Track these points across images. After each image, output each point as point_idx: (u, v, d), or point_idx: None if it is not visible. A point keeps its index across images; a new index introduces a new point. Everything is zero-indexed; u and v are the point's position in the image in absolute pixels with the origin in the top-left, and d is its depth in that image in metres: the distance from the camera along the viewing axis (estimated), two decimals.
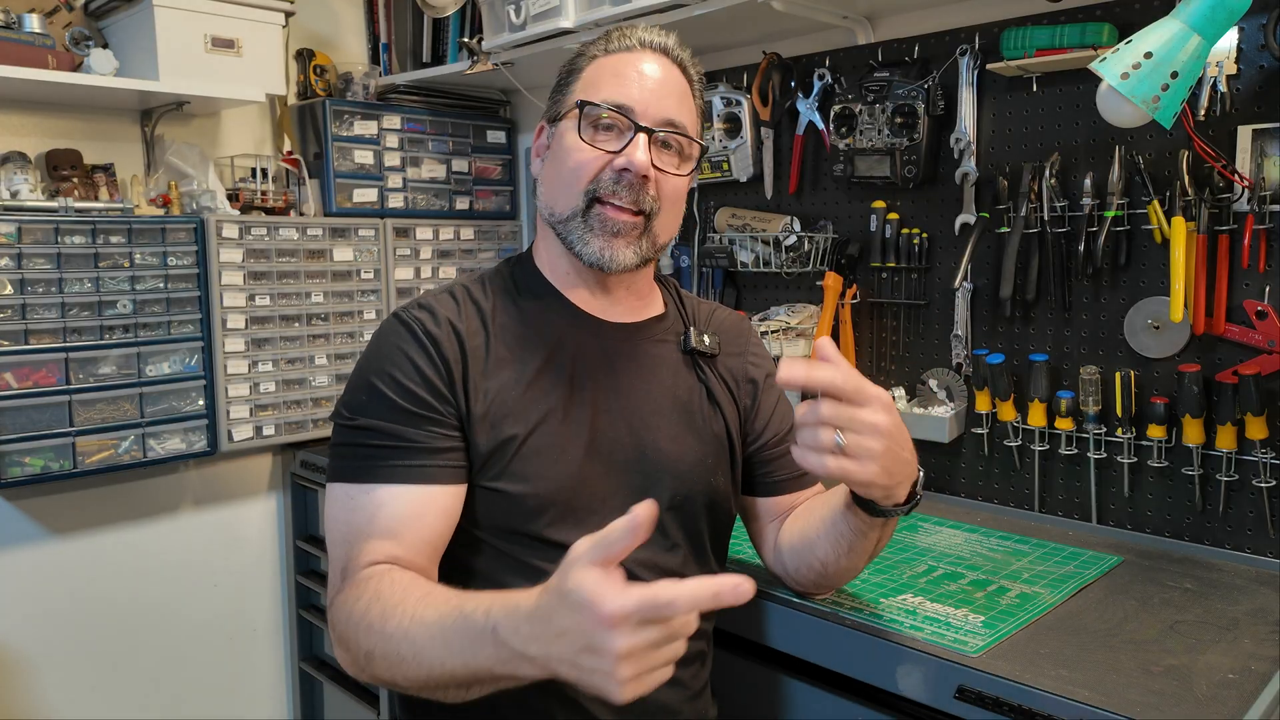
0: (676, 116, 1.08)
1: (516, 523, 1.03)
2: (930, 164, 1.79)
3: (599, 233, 1.06)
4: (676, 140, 1.09)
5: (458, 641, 0.83)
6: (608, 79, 1.08)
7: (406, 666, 0.87)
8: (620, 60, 1.09)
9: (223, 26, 2.06)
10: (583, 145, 1.06)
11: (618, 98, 1.06)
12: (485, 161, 2.64)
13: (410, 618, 0.88)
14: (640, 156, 1.05)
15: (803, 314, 1.99)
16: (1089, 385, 1.61)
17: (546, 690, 1.02)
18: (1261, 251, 1.44)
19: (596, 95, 1.07)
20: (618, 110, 1.06)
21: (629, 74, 1.08)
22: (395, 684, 0.90)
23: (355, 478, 1.00)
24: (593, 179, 1.06)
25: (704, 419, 1.16)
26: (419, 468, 1.00)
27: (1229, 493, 1.50)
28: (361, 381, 1.04)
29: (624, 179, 1.05)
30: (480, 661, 0.81)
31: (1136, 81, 1.28)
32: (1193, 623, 1.23)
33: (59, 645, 2.10)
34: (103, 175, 2.08)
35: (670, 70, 1.11)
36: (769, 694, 1.36)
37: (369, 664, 0.91)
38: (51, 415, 1.91)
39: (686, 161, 1.11)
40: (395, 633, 0.88)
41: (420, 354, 1.03)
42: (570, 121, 1.08)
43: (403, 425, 1.00)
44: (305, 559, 2.43)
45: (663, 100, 1.08)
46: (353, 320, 2.35)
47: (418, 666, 0.86)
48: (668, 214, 1.11)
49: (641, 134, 1.06)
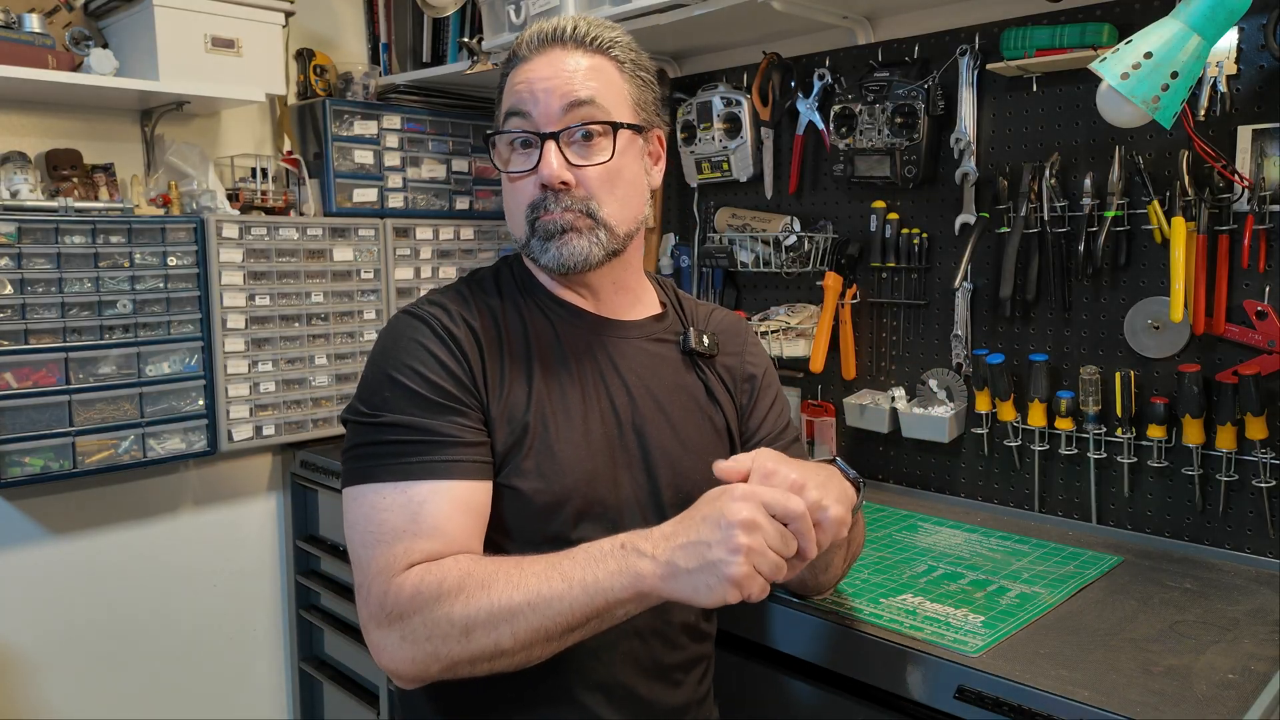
0: (582, 93, 1.03)
1: (533, 523, 1.02)
2: (930, 164, 1.79)
3: (547, 238, 1.05)
4: (593, 127, 1.03)
5: (577, 568, 0.87)
6: (508, 96, 1.06)
7: (520, 618, 0.87)
8: (519, 71, 1.06)
9: (223, 26, 2.06)
10: (506, 176, 1.07)
11: (512, 105, 1.04)
12: (485, 161, 2.64)
13: (518, 573, 0.89)
14: (548, 169, 1.01)
15: (803, 314, 1.99)
16: (1089, 385, 1.61)
17: (552, 692, 1.03)
18: (1261, 251, 1.44)
19: (501, 118, 1.06)
20: (517, 120, 1.03)
21: (523, 80, 1.05)
22: (498, 649, 0.88)
23: (384, 477, 0.96)
24: (529, 204, 1.05)
25: (706, 415, 1.16)
26: (455, 463, 0.97)
27: (1229, 493, 1.50)
28: (380, 377, 1.01)
29: (549, 193, 1.03)
30: (601, 579, 0.86)
31: (1136, 81, 1.28)
32: (1193, 623, 1.23)
33: (59, 645, 2.10)
34: (103, 175, 2.08)
35: (569, 53, 1.05)
36: (770, 694, 1.36)
37: (467, 637, 0.88)
38: (51, 415, 1.91)
39: (604, 140, 1.04)
40: (505, 590, 0.88)
41: (440, 347, 1.01)
42: (494, 154, 1.08)
43: (432, 418, 0.98)
44: (305, 559, 2.43)
45: (562, 86, 1.03)
46: (353, 320, 2.35)
47: (532, 611, 0.86)
48: (611, 200, 1.05)
49: (548, 142, 1.02)
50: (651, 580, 0.85)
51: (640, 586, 0.85)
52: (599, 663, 1.03)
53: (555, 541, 1.01)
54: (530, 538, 1.02)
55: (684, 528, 0.87)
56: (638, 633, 1.05)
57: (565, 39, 1.06)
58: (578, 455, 1.04)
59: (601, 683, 1.04)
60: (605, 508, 1.05)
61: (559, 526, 1.02)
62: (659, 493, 1.09)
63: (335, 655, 2.40)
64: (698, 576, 0.83)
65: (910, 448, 1.89)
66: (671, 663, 1.09)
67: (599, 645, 1.02)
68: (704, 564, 0.83)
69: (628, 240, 1.10)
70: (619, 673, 1.04)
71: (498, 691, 1.03)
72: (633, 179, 1.09)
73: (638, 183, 1.10)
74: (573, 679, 1.03)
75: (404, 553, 0.93)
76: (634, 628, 1.04)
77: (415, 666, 0.91)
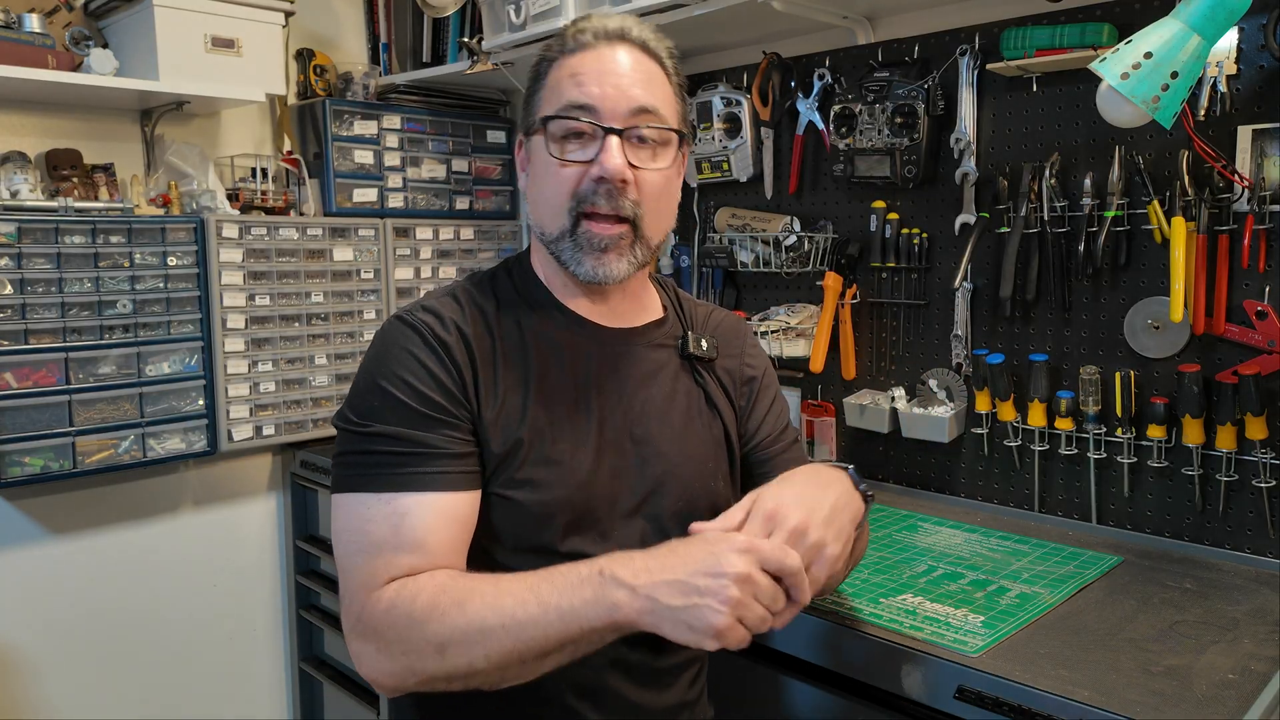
0: (647, 103, 1.02)
1: (525, 532, 1.02)
2: (930, 164, 1.79)
3: (589, 251, 1.03)
4: (652, 132, 1.03)
5: (554, 592, 0.86)
6: (567, 83, 1.03)
7: (493, 639, 0.86)
8: (578, 60, 1.04)
9: (223, 26, 2.06)
10: (554, 161, 1.03)
11: (577, 98, 1.01)
12: (485, 161, 2.64)
13: (494, 592, 0.88)
14: (614, 162, 0.99)
15: (803, 314, 1.99)
16: (1089, 385, 1.61)
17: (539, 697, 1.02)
18: (1261, 251, 1.44)
19: (558, 104, 1.02)
20: (581, 112, 1.01)
21: (588, 72, 1.02)
22: (471, 669, 0.88)
23: (370, 487, 0.96)
24: (572, 194, 1.02)
25: (703, 423, 1.16)
26: (439, 474, 0.96)
27: (1229, 493, 1.50)
28: (369, 386, 1.00)
29: (602, 187, 1.01)
30: (577, 606, 0.85)
31: (1136, 81, 1.28)
32: (1193, 623, 1.23)
33: (59, 645, 2.10)
34: (103, 175, 2.08)
35: (633, 55, 1.04)
36: (768, 694, 1.36)
37: (440, 655, 0.88)
38: (51, 415, 1.91)
39: (665, 150, 1.05)
40: (479, 610, 0.87)
41: (430, 357, 1.00)
42: (540, 138, 1.05)
43: (419, 430, 0.97)
44: (305, 559, 2.43)
45: (628, 90, 1.01)
46: (353, 320, 2.35)
47: (506, 634, 0.86)
48: (654, 213, 1.05)
49: (611, 136, 1.00)
50: (628, 612, 0.84)
51: (615, 617, 0.85)
52: (586, 667, 1.02)
53: (542, 551, 1.01)
54: (518, 546, 1.02)
55: (671, 564, 0.85)
56: (626, 638, 1.05)
57: (630, 37, 1.05)
58: (571, 466, 1.03)
59: (589, 687, 1.04)
60: (597, 519, 1.04)
61: (549, 537, 1.02)
62: (657, 502, 1.08)
63: (335, 655, 2.40)
64: (679, 615, 0.83)
65: (910, 448, 1.89)
66: (660, 667, 1.09)
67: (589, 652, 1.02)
68: (688, 606, 0.82)
69: (657, 251, 1.11)
70: (607, 677, 1.04)
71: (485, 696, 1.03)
72: (674, 191, 1.10)
73: (675, 195, 1.11)
74: (560, 683, 1.02)
75: (384, 567, 0.93)
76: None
77: (392, 679, 0.92)
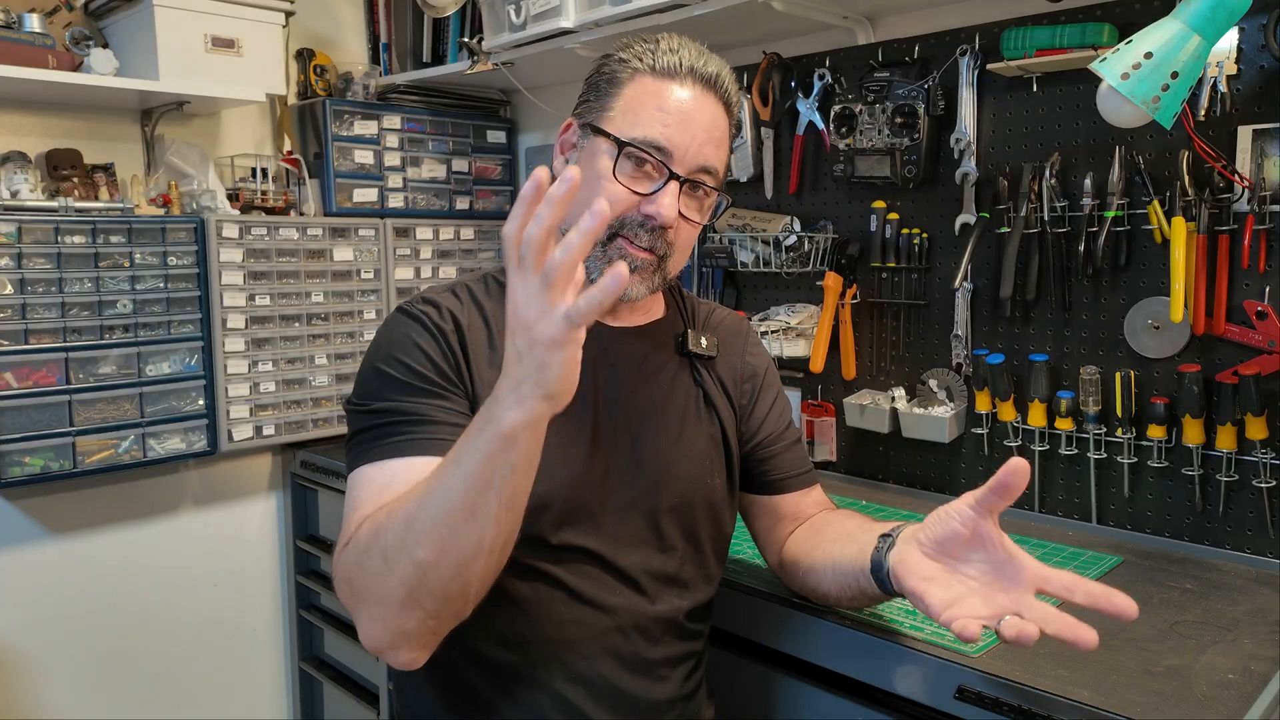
0: (713, 163, 1.07)
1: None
2: (930, 164, 1.79)
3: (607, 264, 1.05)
4: (705, 188, 1.08)
5: (452, 453, 0.85)
6: (649, 109, 1.05)
7: (417, 525, 0.84)
8: (666, 89, 1.06)
9: (223, 26, 2.06)
10: (615, 181, 1.04)
11: (658, 139, 1.03)
12: (485, 161, 2.64)
13: (415, 489, 0.87)
14: (668, 210, 1.04)
15: (803, 314, 1.99)
16: (1089, 385, 1.61)
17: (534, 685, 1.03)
18: (1261, 251, 1.44)
19: (636, 128, 1.04)
20: (657, 153, 1.04)
21: (671, 109, 1.05)
22: (418, 563, 0.84)
23: (371, 458, 0.99)
24: (618, 216, 1.05)
25: (701, 422, 1.16)
26: (429, 440, 0.98)
27: (1229, 493, 1.50)
28: (370, 370, 1.05)
29: (647, 224, 1.05)
30: (476, 443, 0.82)
31: (1136, 82, 1.28)
32: (1193, 623, 1.23)
33: (59, 645, 2.10)
34: (103, 175, 2.08)
35: (715, 110, 1.08)
36: (768, 694, 1.36)
37: (389, 570, 0.86)
38: (51, 415, 1.91)
39: (708, 203, 1.10)
40: (404, 507, 0.86)
41: (429, 341, 1.04)
42: (606, 149, 1.06)
43: (413, 400, 1.00)
44: (305, 559, 2.43)
45: (703, 147, 1.05)
46: (353, 320, 2.35)
47: (425, 514, 0.84)
48: (681, 254, 1.11)
49: (674, 182, 1.04)
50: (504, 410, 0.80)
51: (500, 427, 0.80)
52: (580, 656, 1.05)
53: (535, 544, 1.02)
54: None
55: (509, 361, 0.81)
56: (619, 628, 1.07)
57: (719, 89, 1.08)
58: (564, 460, 1.05)
59: (583, 676, 1.05)
60: (591, 513, 1.06)
61: (541, 529, 1.03)
62: (652, 498, 1.09)
63: (335, 655, 2.41)
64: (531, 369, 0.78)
65: (910, 448, 1.89)
66: (654, 658, 1.09)
67: (580, 639, 1.04)
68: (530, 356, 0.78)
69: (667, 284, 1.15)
70: (600, 666, 1.06)
71: (483, 687, 1.05)
72: (695, 239, 1.15)
73: (695, 242, 1.17)
74: (556, 674, 1.04)
75: (359, 521, 0.94)
76: (616, 624, 1.06)
77: (386, 632, 0.89)
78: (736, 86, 1.11)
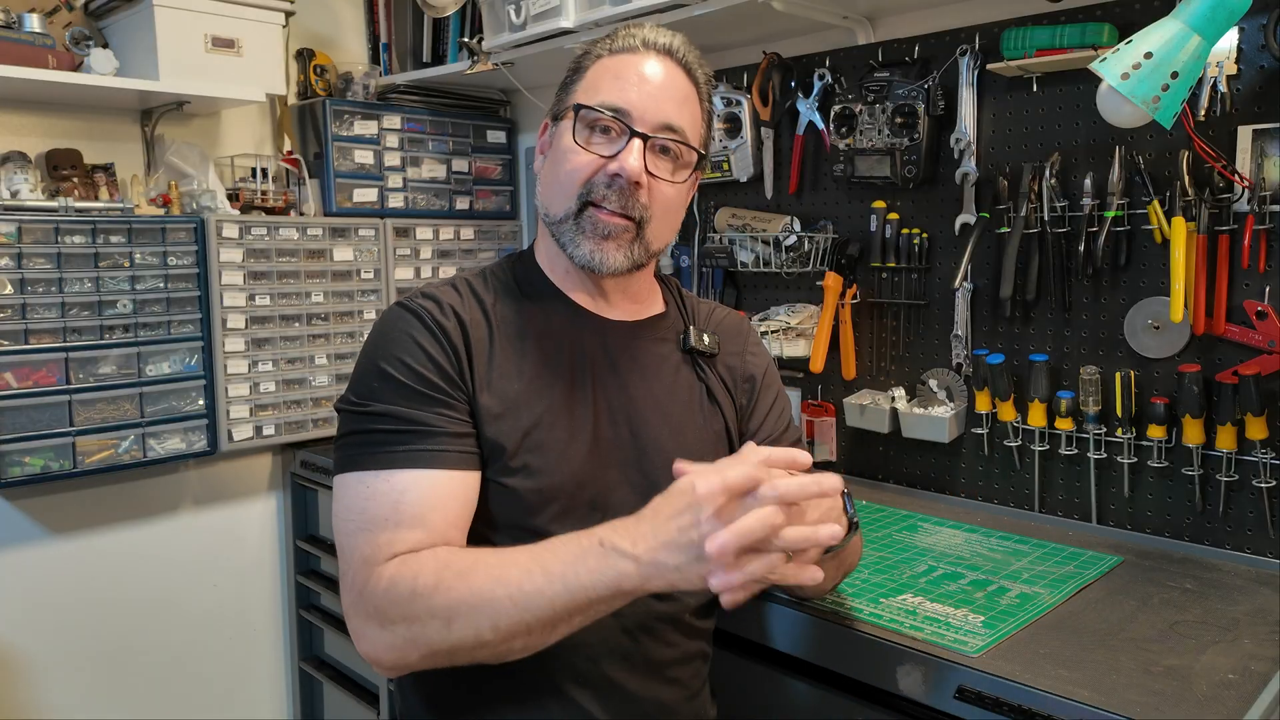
0: (675, 121, 1.07)
1: (518, 517, 1.03)
2: (930, 164, 1.79)
3: (589, 235, 1.06)
4: (675, 147, 1.08)
5: (559, 564, 0.87)
6: (608, 81, 1.07)
7: (500, 610, 0.86)
8: (622, 62, 1.08)
9: (223, 26, 2.06)
10: (577, 148, 1.06)
11: (614, 100, 1.05)
12: (485, 161, 2.64)
13: (499, 564, 0.89)
14: (632, 163, 1.04)
15: (803, 314, 1.99)
16: (1089, 385, 1.61)
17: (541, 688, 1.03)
18: (1261, 251, 1.44)
19: (594, 97, 1.06)
20: (614, 113, 1.05)
21: (629, 76, 1.07)
22: (479, 640, 0.88)
23: (370, 465, 0.98)
24: (585, 182, 1.06)
25: (704, 417, 1.16)
26: (438, 452, 0.98)
27: (1229, 493, 1.50)
28: (370, 368, 1.03)
29: (615, 184, 1.05)
30: (582, 577, 0.85)
31: (1136, 81, 1.28)
32: (1193, 623, 1.23)
33: (59, 645, 2.10)
34: (103, 175, 2.08)
35: (673, 72, 1.09)
36: (769, 694, 1.36)
37: (447, 627, 0.88)
38: (51, 415, 1.91)
39: (683, 168, 1.10)
40: (484, 581, 0.88)
41: (429, 340, 1.03)
42: (568, 123, 1.08)
43: (417, 409, 0.99)
44: (305, 559, 2.43)
45: (662, 104, 1.06)
46: (353, 320, 2.35)
47: (513, 605, 0.86)
48: (661, 221, 1.10)
49: (636, 139, 1.04)
50: (635, 580, 0.85)
51: (623, 586, 0.85)
52: (587, 659, 1.04)
53: (538, 536, 1.01)
54: (513, 532, 1.03)
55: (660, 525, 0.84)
56: (626, 630, 1.06)
57: (675, 56, 1.10)
58: (567, 454, 1.05)
59: (590, 678, 1.05)
60: (593, 507, 1.05)
61: (543, 522, 1.03)
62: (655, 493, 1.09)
63: (335, 655, 2.40)
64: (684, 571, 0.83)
65: (910, 448, 1.89)
66: (661, 659, 1.09)
67: (587, 641, 1.03)
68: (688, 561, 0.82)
69: (655, 257, 1.14)
70: (607, 668, 1.05)
71: (488, 688, 1.04)
72: (680, 207, 1.15)
73: (682, 211, 1.16)
74: (562, 675, 1.03)
75: (386, 543, 0.94)
76: (622, 625, 1.05)
77: (393, 654, 0.92)
78: (698, 56, 1.12)
